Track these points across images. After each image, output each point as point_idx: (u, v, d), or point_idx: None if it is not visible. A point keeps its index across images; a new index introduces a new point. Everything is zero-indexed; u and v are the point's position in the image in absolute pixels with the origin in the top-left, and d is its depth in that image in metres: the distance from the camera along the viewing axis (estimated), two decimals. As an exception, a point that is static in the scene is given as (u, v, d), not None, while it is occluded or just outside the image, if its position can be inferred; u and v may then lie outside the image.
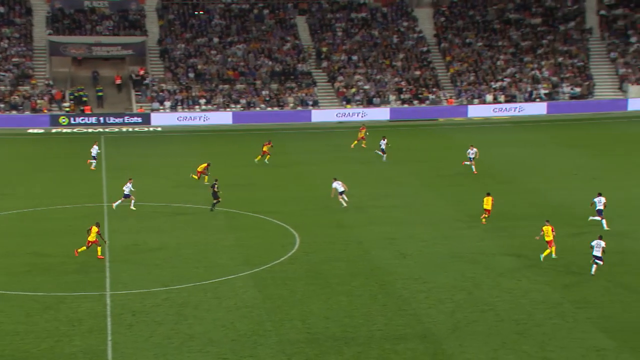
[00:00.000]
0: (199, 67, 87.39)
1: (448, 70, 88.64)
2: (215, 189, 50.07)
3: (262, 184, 56.36)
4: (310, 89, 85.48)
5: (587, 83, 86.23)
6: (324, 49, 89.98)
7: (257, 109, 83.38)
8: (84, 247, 41.93)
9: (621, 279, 38.84)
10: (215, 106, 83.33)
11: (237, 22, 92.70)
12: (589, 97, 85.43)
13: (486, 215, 47.48)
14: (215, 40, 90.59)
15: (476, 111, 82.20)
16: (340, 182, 50.84)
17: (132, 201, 50.59)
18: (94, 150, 61.86)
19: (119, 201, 50.54)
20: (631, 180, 55.70)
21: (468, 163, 58.73)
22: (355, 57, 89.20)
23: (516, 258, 41.81)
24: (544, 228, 41.37)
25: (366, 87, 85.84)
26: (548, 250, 41.31)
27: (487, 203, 47.39)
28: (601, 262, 39.10)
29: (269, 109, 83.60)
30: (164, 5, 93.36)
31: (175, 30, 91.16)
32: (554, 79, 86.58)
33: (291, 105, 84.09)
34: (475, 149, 58.98)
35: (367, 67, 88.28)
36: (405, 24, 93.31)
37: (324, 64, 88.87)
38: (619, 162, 62.04)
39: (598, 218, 46.18)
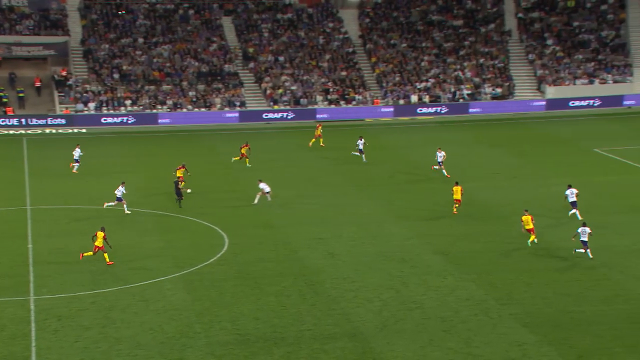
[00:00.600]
0: (124, 67, 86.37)
1: (374, 71, 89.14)
2: (179, 187, 51.04)
3: (190, 186, 55.96)
4: (238, 90, 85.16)
5: (507, 84, 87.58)
6: (251, 50, 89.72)
7: (184, 110, 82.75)
8: (90, 252, 41.07)
9: (543, 276, 39.59)
10: (141, 107, 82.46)
11: (162, 22, 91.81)
12: (510, 97, 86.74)
13: (457, 205, 48.65)
14: (140, 40, 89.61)
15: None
16: (265, 184, 51.06)
17: (125, 205, 49.70)
18: (77, 152, 60.54)
19: (112, 203, 49.72)
20: (550, 179, 56.75)
21: (437, 167, 57.83)
22: (281, 58, 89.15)
23: (443, 256, 42.29)
24: (523, 218, 43.27)
25: (293, 87, 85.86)
26: (533, 237, 43.11)
27: (457, 193, 48.62)
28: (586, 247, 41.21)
29: (196, 110, 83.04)
30: (86, 5, 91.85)
31: (99, 30, 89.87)
32: (476, 79, 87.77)
33: (218, 106, 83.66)
34: (443, 152, 57.93)
35: (294, 67, 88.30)
36: (330, 24, 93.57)
37: (251, 64, 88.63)
38: (538, 161, 63.02)
39: (575, 211, 47.58)
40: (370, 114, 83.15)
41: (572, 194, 47.91)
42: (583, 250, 41.27)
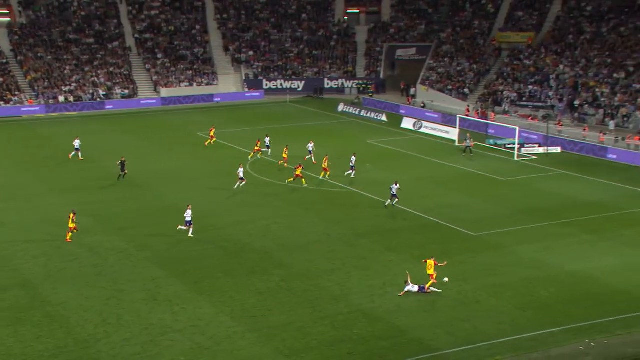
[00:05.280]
0: None
1: (26, 77, 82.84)
2: (121, 164, 48.09)
3: None
4: None
5: (132, 86, 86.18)
6: None
7: None
8: None
9: (173, 227, 39.93)
10: None
11: None
12: (135, 96, 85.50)
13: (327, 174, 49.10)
14: None
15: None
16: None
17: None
18: (77, 143, 54.37)
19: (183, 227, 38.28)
20: (172, 154, 57.12)
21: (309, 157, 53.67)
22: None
23: (93, 218, 41.01)
24: (325, 160, 47.81)
25: (-44, 91, 77.27)
26: (326, 174, 47.81)
27: (325, 162, 48.73)
28: (397, 199, 42.67)
29: None
30: None
31: None
32: (109, 83, 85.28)
33: None
34: (313, 143, 54.48)
35: (-44, 75, 79.33)
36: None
37: None
38: (160, 143, 63.26)
39: (351, 172, 49.25)
40: (23, 111, 77.41)
41: (352, 160, 49.52)
42: (390, 201, 42.72)
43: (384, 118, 74.36)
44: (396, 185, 43.02)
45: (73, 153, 55.14)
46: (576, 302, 30.36)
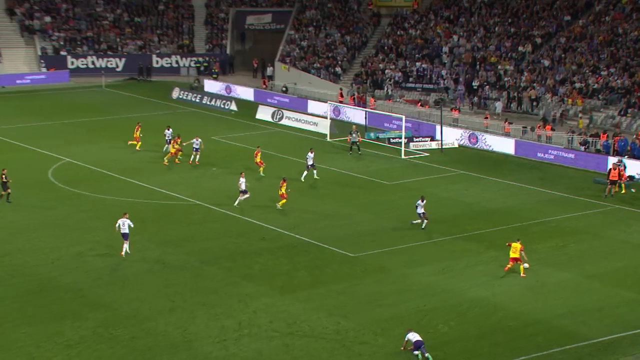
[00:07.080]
0: None
1: None
2: (4, 179, 46.18)
3: None
4: None
5: None
6: None
7: None
8: None
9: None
10: None
11: None
12: None
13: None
14: None
15: None
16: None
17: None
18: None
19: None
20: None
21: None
22: None
23: None
24: (282, 185, 45.56)
25: None
26: (282, 201, 45.73)
27: (257, 156, 50.58)
28: (426, 220, 43.05)
29: None
30: None
31: None
32: None
33: None
34: (200, 140, 56.00)
35: None
36: None
37: None
38: None
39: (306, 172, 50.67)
40: None
41: (310, 158, 50.88)
42: (419, 220, 43.13)
43: (233, 107, 74.56)
44: (422, 201, 43.08)
45: None
46: (483, 338, 31.55)
